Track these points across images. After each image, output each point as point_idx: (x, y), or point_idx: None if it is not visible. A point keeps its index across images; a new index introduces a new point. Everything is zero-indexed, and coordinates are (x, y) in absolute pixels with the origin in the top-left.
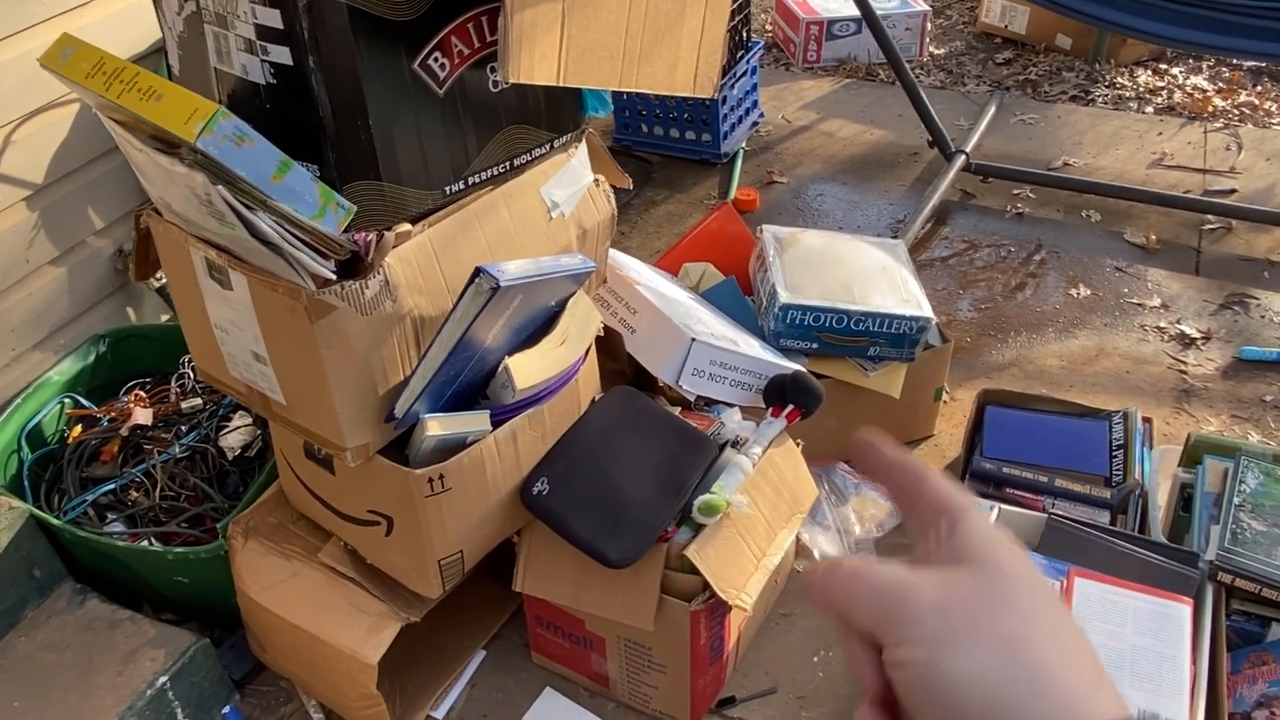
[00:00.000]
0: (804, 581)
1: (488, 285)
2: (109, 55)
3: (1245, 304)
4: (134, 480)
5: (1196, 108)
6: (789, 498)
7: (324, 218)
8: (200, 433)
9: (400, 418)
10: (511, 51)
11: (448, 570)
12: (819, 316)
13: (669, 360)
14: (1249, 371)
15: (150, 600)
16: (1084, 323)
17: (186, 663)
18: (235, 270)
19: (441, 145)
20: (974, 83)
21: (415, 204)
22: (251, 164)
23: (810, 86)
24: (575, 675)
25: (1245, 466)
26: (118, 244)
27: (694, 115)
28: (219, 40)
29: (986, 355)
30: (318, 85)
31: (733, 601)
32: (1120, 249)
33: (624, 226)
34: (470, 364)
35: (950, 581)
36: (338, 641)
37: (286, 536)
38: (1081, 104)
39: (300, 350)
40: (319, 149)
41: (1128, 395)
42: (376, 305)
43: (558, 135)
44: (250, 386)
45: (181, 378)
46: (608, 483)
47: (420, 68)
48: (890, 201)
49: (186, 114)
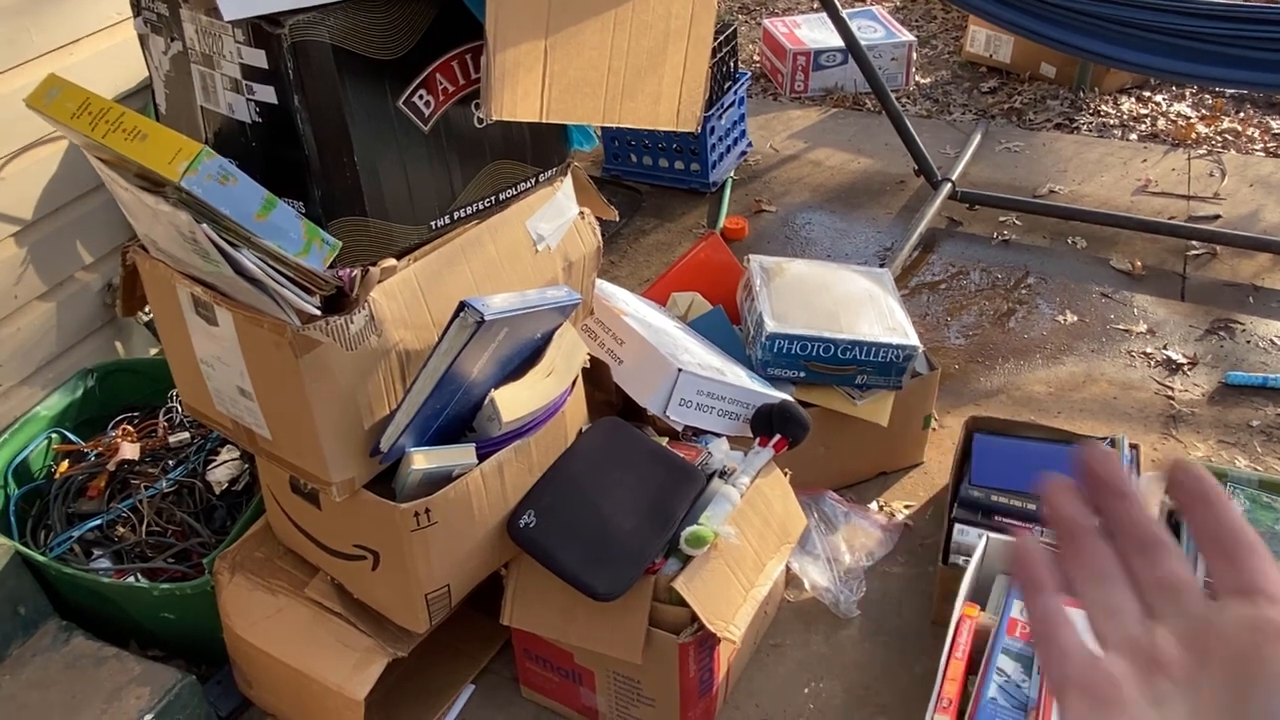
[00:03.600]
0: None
1: (473, 319)
2: (95, 95)
3: (1231, 329)
4: (121, 515)
5: (1180, 135)
6: (777, 528)
7: (309, 254)
8: (187, 467)
9: (386, 452)
10: (495, 89)
11: (435, 604)
12: (806, 345)
13: (656, 390)
14: (1235, 397)
15: (136, 637)
16: (1071, 349)
17: (172, 700)
18: (221, 306)
19: (427, 181)
20: (960, 111)
21: (401, 239)
22: (236, 202)
23: (798, 116)
24: (564, 709)
25: (1231, 492)
26: (106, 279)
27: (683, 145)
28: (205, 79)
29: (974, 382)
30: (303, 123)
31: (721, 633)
32: (1106, 275)
33: (613, 255)
34: (456, 397)
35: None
36: (324, 677)
37: (273, 571)
38: (1066, 132)
39: (285, 385)
40: (304, 186)
41: (1115, 421)
42: (362, 340)
43: (543, 169)
44: (236, 421)
45: (169, 412)
46: (595, 515)
47: (405, 105)
48: (878, 230)
49: (171, 154)
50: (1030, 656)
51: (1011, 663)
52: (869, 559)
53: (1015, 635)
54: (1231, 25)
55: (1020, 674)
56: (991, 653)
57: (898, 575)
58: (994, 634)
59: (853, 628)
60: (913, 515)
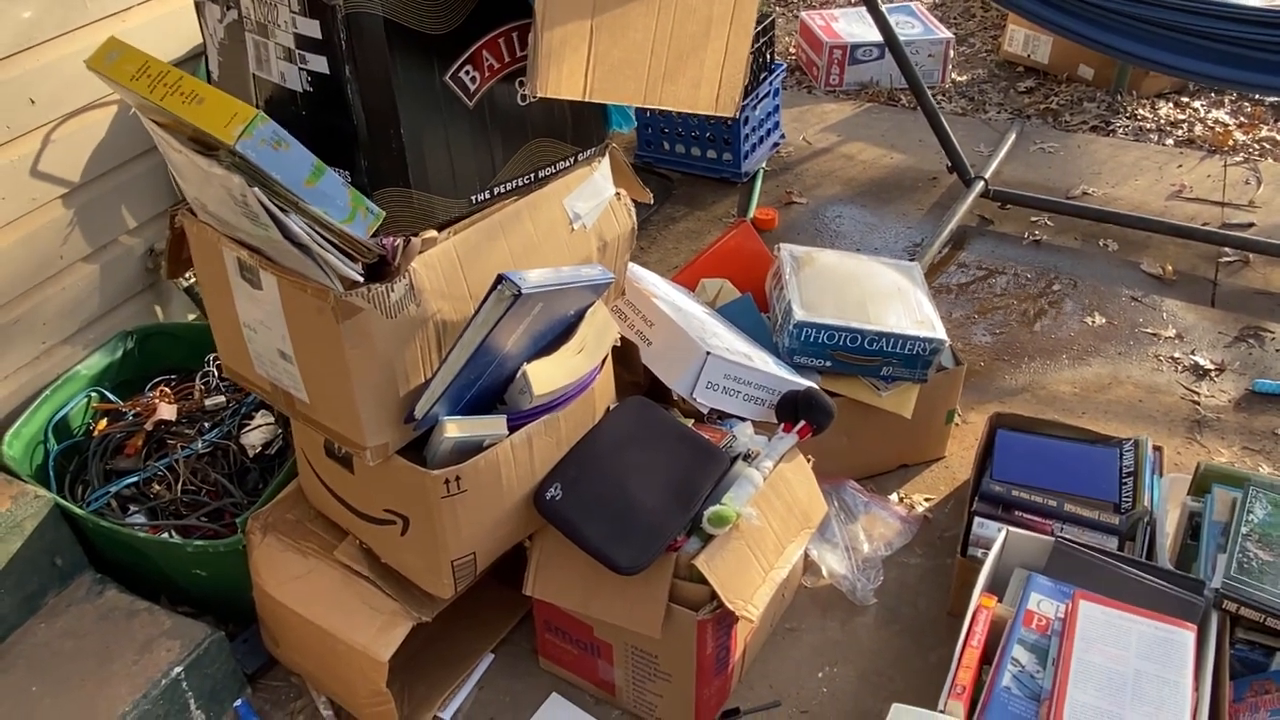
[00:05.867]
0: None
1: (509, 292)
2: (153, 59)
3: (1260, 337)
4: (156, 474)
5: (1217, 141)
6: (799, 513)
7: (354, 222)
8: (222, 430)
9: (420, 419)
10: (541, 67)
11: (460, 571)
12: (833, 335)
13: (684, 373)
14: (1262, 404)
15: (168, 592)
16: (1098, 351)
17: (201, 654)
18: (266, 270)
19: (469, 156)
20: (995, 110)
21: (442, 212)
22: (287, 168)
23: (832, 110)
24: (582, 682)
25: (1254, 497)
26: (149, 243)
27: (715, 134)
28: (259, 48)
29: (1000, 380)
30: (352, 94)
31: (739, 612)
32: (1137, 279)
33: (644, 241)
34: (489, 369)
35: None
36: (350, 638)
37: (304, 533)
38: (1102, 134)
39: (326, 350)
40: (351, 156)
41: (1140, 424)
42: (401, 308)
43: (582, 149)
44: (275, 384)
45: (206, 375)
46: (620, 490)
47: (452, 80)
48: (908, 225)
49: (227, 118)
50: (1045, 648)
51: (1027, 653)
52: (887, 549)
53: (1031, 627)
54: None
55: (1035, 665)
56: (1007, 643)
57: (915, 566)
58: (1010, 625)
59: (868, 615)
60: (932, 508)
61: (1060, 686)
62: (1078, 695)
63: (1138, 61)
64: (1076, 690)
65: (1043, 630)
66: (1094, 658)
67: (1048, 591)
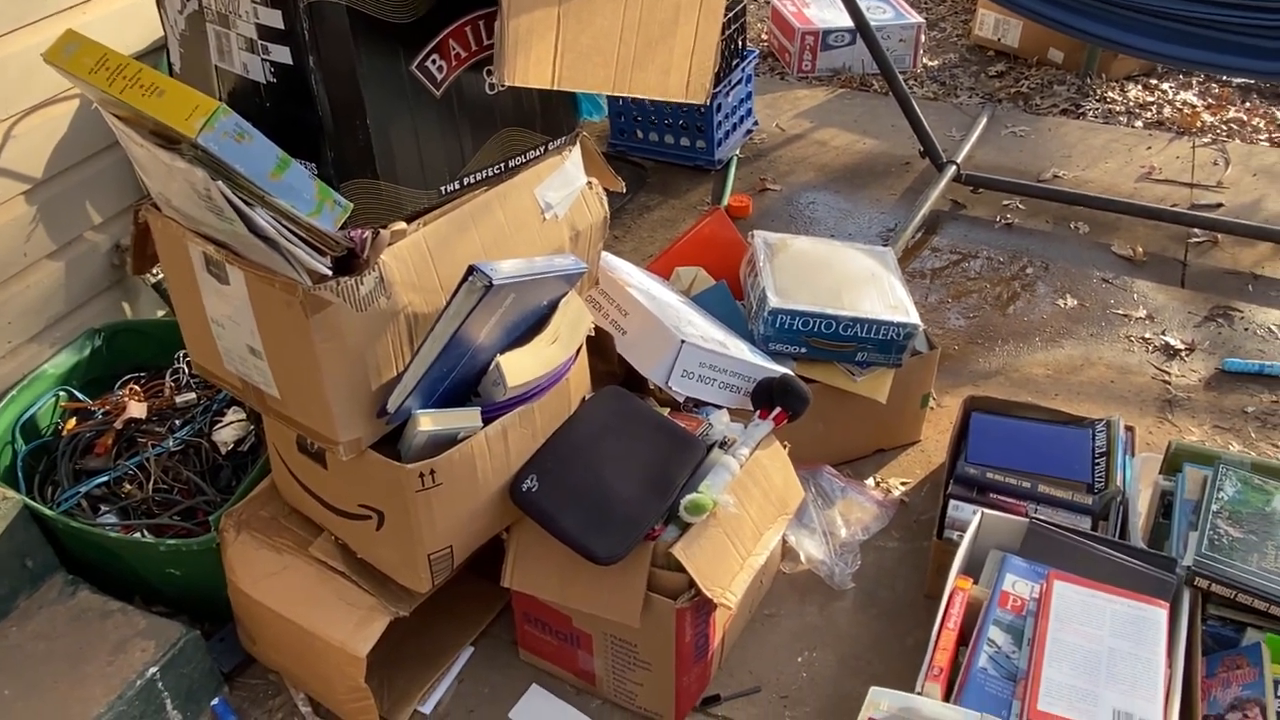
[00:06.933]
0: None
1: (481, 283)
2: (112, 51)
3: (1229, 316)
4: (127, 473)
5: (1185, 123)
6: (776, 499)
7: (321, 214)
8: (194, 427)
9: (393, 413)
10: (508, 55)
11: (437, 565)
12: (808, 321)
13: (659, 361)
14: (1231, 383)
15: (141, 592)
16: (1070, 333)
17: (176, 654)
18: (233, 265)
19: (438, 146)
20: (966, 94)
21: (411, 203)
22: (251, 160)
23: (804, 96)
24: (562, 672)
25: (1224, 475)
26: (114, 239)
27: (688, 122)
28: (220, 39)
29: (974, 363)
30: (317, 85)
31: (718, 599)
32: (1107, 260)
33: (618, 230)
34: (462, 361)
35: None
36: (327, 634)
37: (278, 530)
38: (1072, 117)
39: (295, 344)
40: (317, 147)
41: (1112, 404)
42: (371, 301)
43: (552, 138)
44: (245, 380)
45: (176, 373)
46: (596, 481)
47: (418, 69)
48: (881, 210)
49: (188, 110)
50: (1020, 628)
51: (1002, 634)
52: (864, 533)
53: (1007, 608)
54: (1239, 13)
55: (1010, 645)
56: (983, 624)
57: (892, 550)
58: (986, 606)
59: (847, 600)
60: (908, 492)
61: (1036, 666)
62: (1053, 674)
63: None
64: (1052, 669)
65: (1018, 611)
66: (1069, 637)
67: (1022, 572)
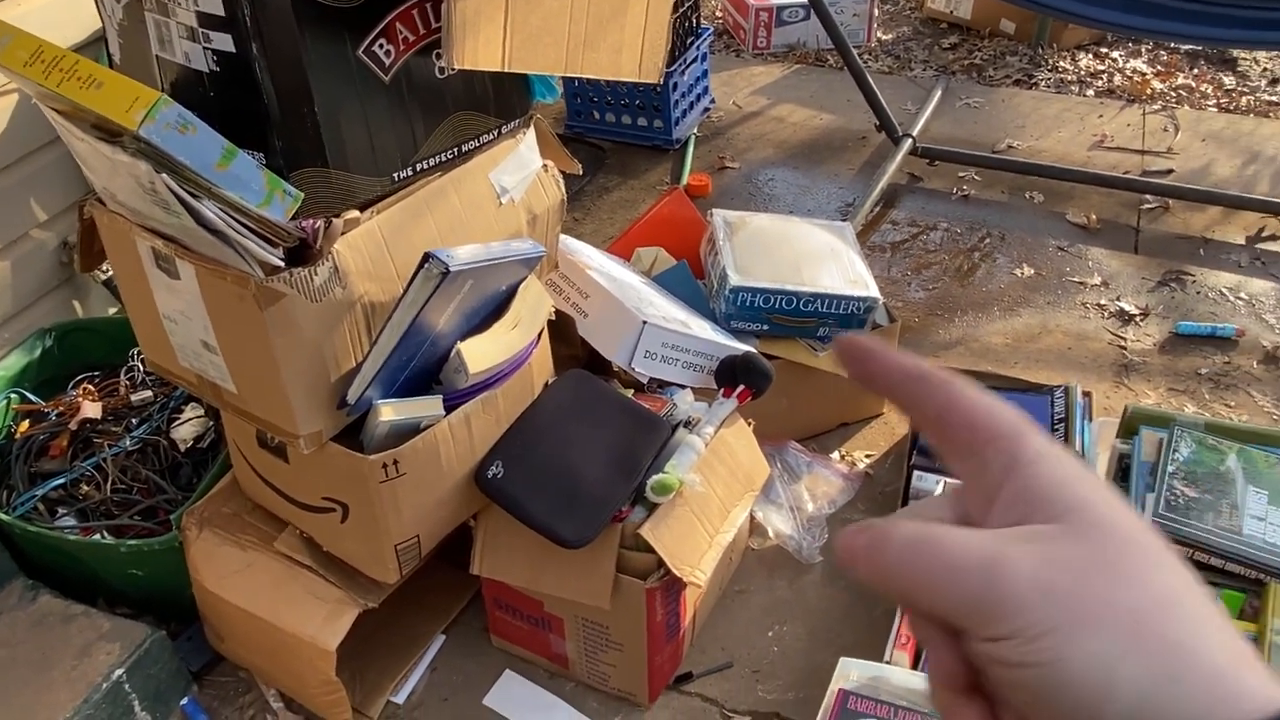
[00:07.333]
0: (836, 550)
1: (438, 270)
2: (47, 43)
3: (1182, 280)
4: (84, 474)
5: (1135, 90)
6: (742, 476)
7: (271, 205)
8: (151, 425)
9: (353, 404)
10: (456, 38)
11: (405, 555)
12: (769, 298)
13: (621, 343)
14: (1185, 346)
15: (104, 595)
16: (1028, 301)
17: (142, 655)
18: (182, 259)
19: (389, 132)
20: (920, 68)
21: (363, 191)
22: (195, 152)
23: (760, 72)
24: (534, 657)
25: (1179, 436)
26: (62, 236)
27: (645, 102)
28: (160, 28)
29: (934, 334)
30: (262, 73)
31: (687, 578)
32: (1062, 229)
33: (577, 213)
34: (422, 349)
35: (1047, 551)
36: (296, 629)
37: (241, 526)
38: (1025, 88)
39: (250, 338)
40: (265, 137)
41: (1070, 371)
42: (326, 292)
43: (505, 121)
44: (201, 376)
45: (131, 370)
46: (562, 464)
47: (365, 54)
48: (840, 185)
49: (128, 102)
50: None
51: None
52: (831, 506)
53: None
54: None
55: None
56: None
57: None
58: None
59: (815, 573)
60: (873, 464)
61: None
62: None
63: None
64: None
65: None
66: None
67: None
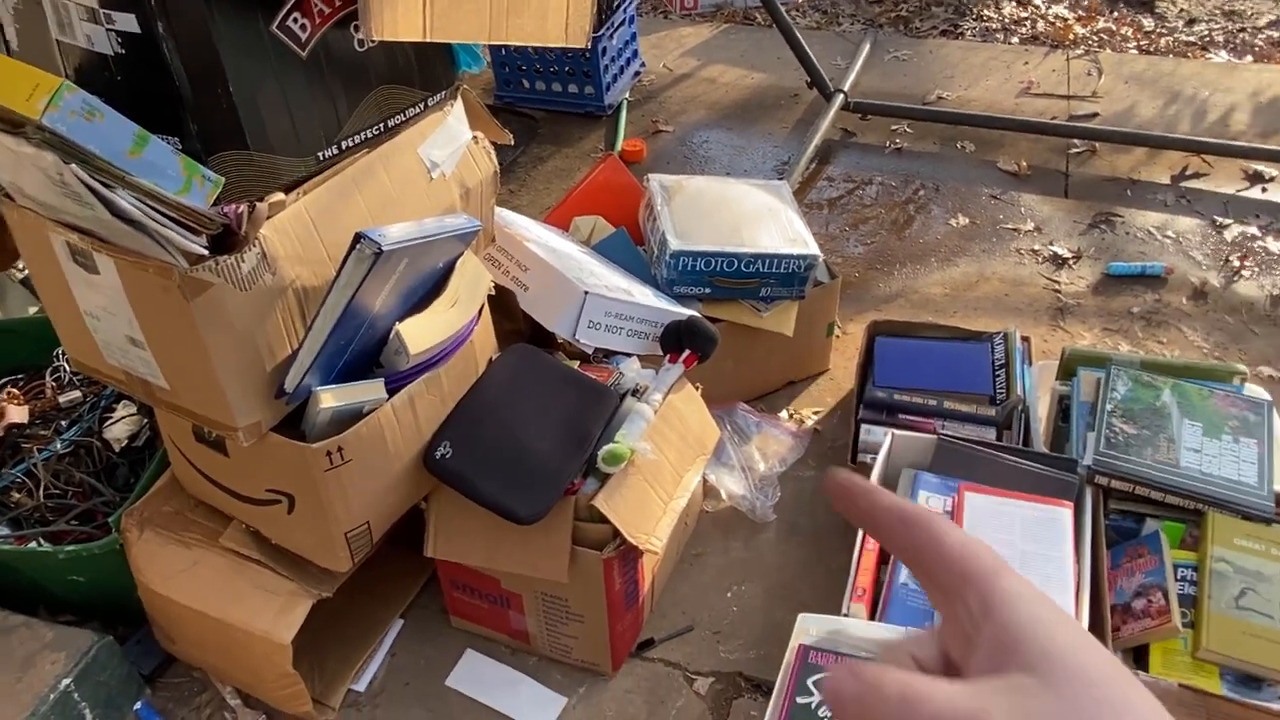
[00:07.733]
0: (824, 691)
1: (370, 250)
2: None
3: (1111, 222)
4: (14, 481)
5: (1059, 36)
6: (693, 441)
7: (190, 192)
8: (82, 426)
9: (291, 392)
10: (373, 8)
11: (355, 543)
12: (710, 261)
13: (563, 314)
14: (1117, 286)
15: (45, 604)
16: (964, 250)
17: (90, 662)
18: (100, 253)
19: (310, 109)
20: (848, 22)
21: (287, 172)
22: (104, 139)
23: (689, 33)
24: (495, 634)
25: (1115, 375)
26: None
27: (575, 68)
28: (59, 11)
29: (875, 288)
30: (170, 53)
31: (643, 546)
32: (994, 177)
33: (512, 184)
34: (360, 332)
35: (1027, 705)
36: (249, 625)
37: (184, 525)
38: (951, 38)
39: (179, 331)
40: (178, 120)
41: (1007, 316)
42: (255, 279)
43: (431, 94)
44: (130, 373)
45: (56, 371)
46: (511, 441)
47: (280, 29)
48: (774, 144)
49: (28, 90)
50: None
51: None
52: (782, 465)
53: None
54: None
55: None
56: None
57: (810, 479)
58: None
59: (770, 531)
60: (821, 420)
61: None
62: None
63: None
64: None
65: None
66: None
67: (934, 488)
